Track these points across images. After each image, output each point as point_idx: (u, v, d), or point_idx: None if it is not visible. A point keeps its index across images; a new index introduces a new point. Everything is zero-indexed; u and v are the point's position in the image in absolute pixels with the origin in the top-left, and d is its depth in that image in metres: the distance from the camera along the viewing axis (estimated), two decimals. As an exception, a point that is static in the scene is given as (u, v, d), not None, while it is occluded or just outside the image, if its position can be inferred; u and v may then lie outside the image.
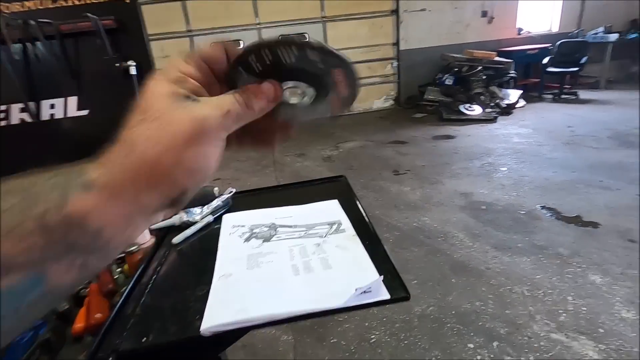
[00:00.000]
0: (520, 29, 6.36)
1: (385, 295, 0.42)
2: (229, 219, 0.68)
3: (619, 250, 2.04)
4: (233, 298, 0.46)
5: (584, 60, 5.52)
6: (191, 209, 0.70)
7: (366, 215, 0.64)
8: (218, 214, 0.71)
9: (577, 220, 2.38)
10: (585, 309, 1.65)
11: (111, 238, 0.22)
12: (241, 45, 0.26)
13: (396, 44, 6.06)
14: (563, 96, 5.73)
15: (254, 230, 0.62)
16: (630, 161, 3.22)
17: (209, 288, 0.49)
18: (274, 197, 0.67)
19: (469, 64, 5.49)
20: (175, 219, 0.68)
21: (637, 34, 6.11)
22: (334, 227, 0.60)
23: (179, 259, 0.59)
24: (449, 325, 1.65)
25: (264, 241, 0.59)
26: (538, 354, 1.45)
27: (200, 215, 0.69)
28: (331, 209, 0.66)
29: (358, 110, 6.33)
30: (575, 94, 5.69)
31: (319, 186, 0.76)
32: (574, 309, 1.66)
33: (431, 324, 1.66)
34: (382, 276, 0.44)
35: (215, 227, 0.67)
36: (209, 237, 0.64)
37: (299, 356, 1.58)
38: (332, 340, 1.64)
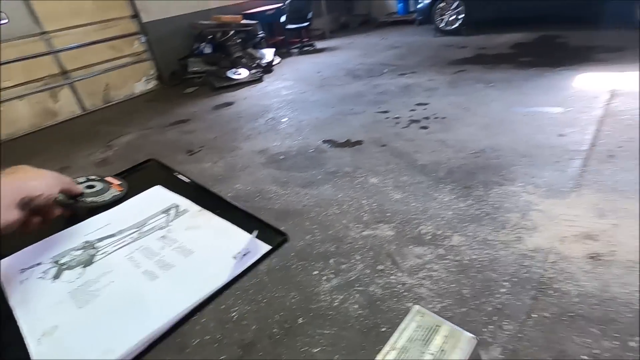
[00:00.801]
0: (253, -8, 6.81)
1: (265, 247, 0.41)
2: (9, 264, 0.47)
3: (378, 155, 2.71)
4: (81, 348, 0.33)
5: (310, 15, 6.54)
6: None
7: (201, 185, 0.57)
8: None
9: (348, 144, 2.97)
10: (375, 204, 2.16)
11: None
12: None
13: (135, 16, 5.37)
14: (305, 48, 6.71)
15: (61, 261, 0.45)
16: (363, 89, 4.21)
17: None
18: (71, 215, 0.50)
19: (220, 30, 5.54)
20: None
21: (337, -9, 7.69)
22: (172, 212, 0.51)
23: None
24: (293, 267, 1.81)
25: (84, 267, 0.44)
26: (360, 252, 1.81)
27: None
28: (158, 196, 0.56)
29: (118, 99, 5.45)
30: (312, 45, 6.76)
31: (128, 180, 0.62)
32: (369, 208, 2.14)
33: (279, 273, 1.78)
34: (256, 231, 0.41)
35: (-13, 286, 0.44)
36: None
37: (166, 379, 1.40)
38: (195, 342, 1.52)
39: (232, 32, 5.50)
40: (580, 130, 2.54)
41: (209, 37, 5.57)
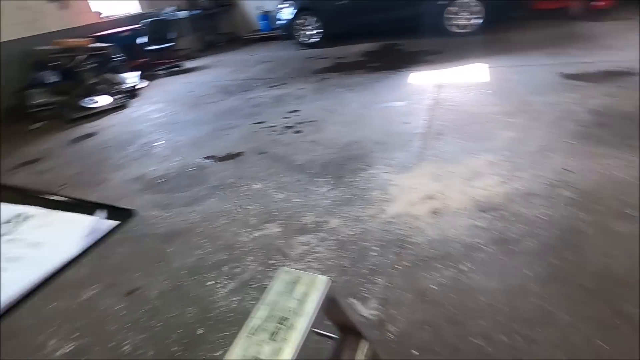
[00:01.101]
0: (100, 13, 6.26)
1: (112, 223, 0.47)
2: None
3: (259, 162, 2.84)
4: None
5: (173, 35, 6.34)
6: None
7: (46, 191, 0.60)
8: None
9: (229, 156, 3.03)
10: (261, 207, 2.27)
11: None
12: None
13: (-58, 44, 4.41)
14: (172, 69, 6.47)
15: None
16: (238, 103, 4.31)
17: None
18: None
19: (66, 55, 4.95)
20: None
21: (200, 10, 7.62)
22: (18, 219, 0.53)
23: None
24: (186, 284, 1.79)
25: None
26: (252, 253, 1.90)
27: None
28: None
29: None
30: (179, 65, 6.56)
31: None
32: (256, 211, 2.24)
33: (172, 294, 1.74)
34: (102, 212, 0.47)
35: None
36: None
37: None
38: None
39: (82, 57, 4.96)
40: (417, 117, 3.13)
41: (53, 63, 4.91)
